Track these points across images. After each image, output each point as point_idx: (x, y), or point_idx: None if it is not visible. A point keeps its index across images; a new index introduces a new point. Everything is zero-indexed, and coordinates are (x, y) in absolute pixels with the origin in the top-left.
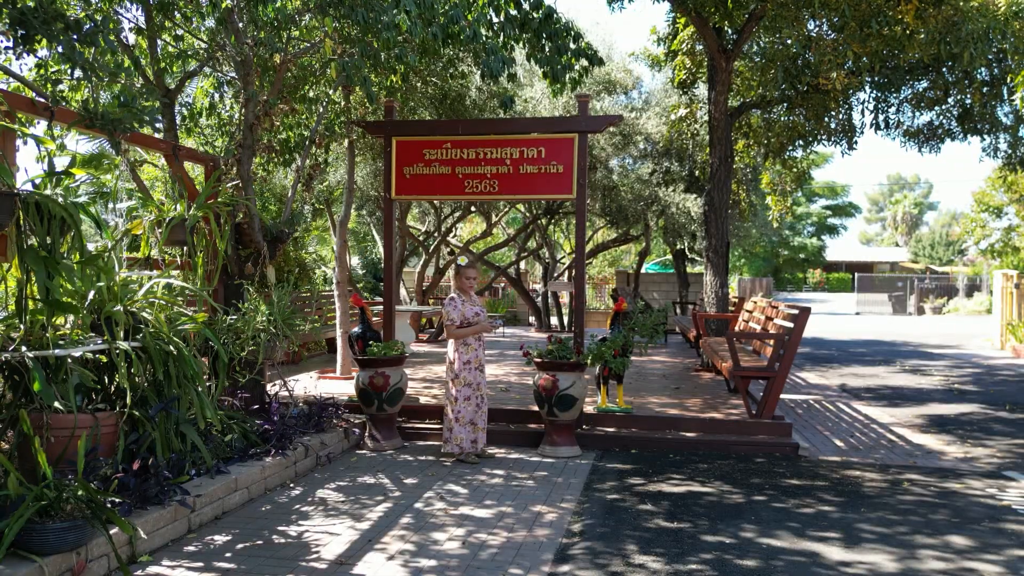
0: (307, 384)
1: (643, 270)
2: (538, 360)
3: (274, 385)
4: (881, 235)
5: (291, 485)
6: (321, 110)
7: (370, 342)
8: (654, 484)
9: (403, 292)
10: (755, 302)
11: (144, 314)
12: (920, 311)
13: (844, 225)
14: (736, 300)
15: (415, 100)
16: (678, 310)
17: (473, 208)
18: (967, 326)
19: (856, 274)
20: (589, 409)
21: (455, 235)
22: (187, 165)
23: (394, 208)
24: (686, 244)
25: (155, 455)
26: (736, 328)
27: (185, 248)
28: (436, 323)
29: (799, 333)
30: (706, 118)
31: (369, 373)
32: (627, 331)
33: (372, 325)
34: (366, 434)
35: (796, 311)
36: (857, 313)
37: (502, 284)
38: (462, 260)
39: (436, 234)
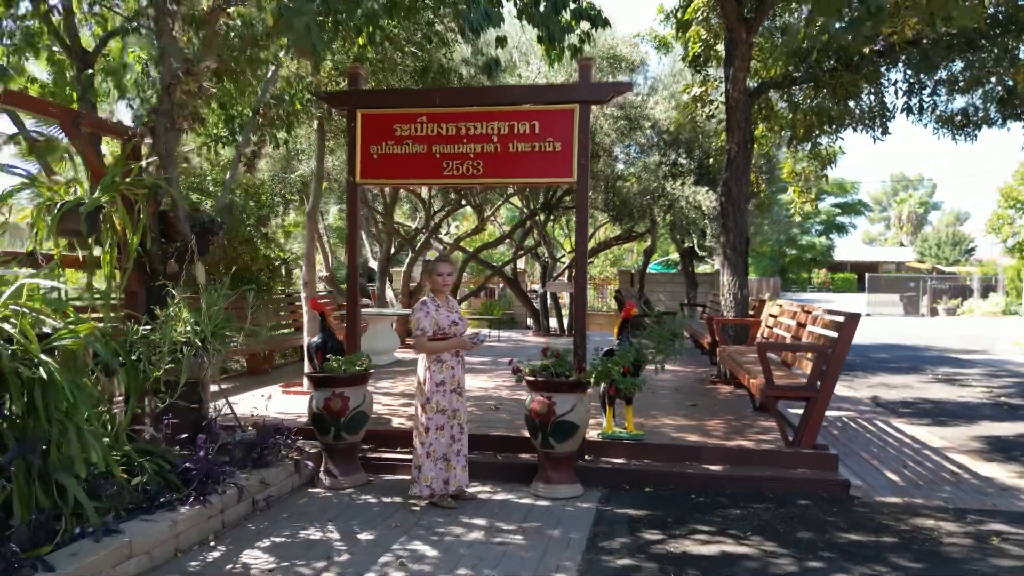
0: (264, 402)
1: (647, 270)
2: (530, 379)
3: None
4: (884, 235)
5: (212, 543)
6: (269, 75)
7: (329, 355)
8: (676, 540)
9: (389, 293)
10: (781, 305)
11: (6, 326)
12: (933, 312)
13: (853, 224)
14: (756, 303)
15: (392, 74)
16: (686, 312)
17: (464, 201)
18: (987, 328)
19: (867, 274)
20: (592, 435)
21: (448, 232)
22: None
23: (358, 194)
24: (695, 241)
25: (12, 516)
26: (759, 335)
27: (97, 239)
28: None
29: (846, 344)
30: (722, 99)
31: (324, 394)
32: (638, 343)
33: (335, 333)
34: (321, 468)
35: (841, 318)
36: (868, 314)
37: (499, 284)
38: (431, 254)
39: (424, 230)
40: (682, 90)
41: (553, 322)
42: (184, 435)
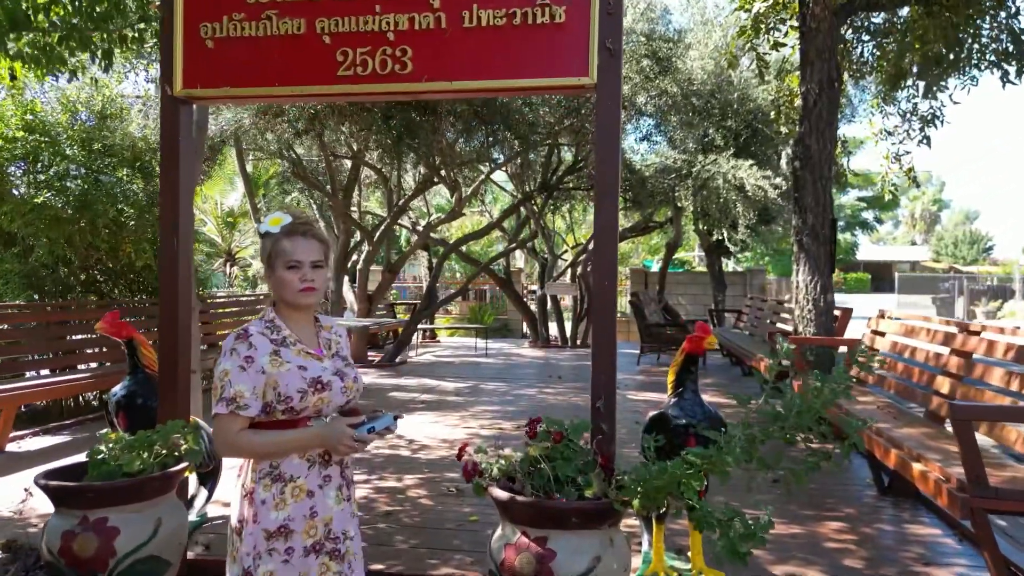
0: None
1: (648, 268)
2: (501, 495)
3: None
4: (893, 233)
5: None
6: None
7: (109, 435)
8: None
9: (349, 296)
10: (891, 317)
11: None
12: (970, 316)
13: (879, 218)
14: (840, 312)
15: None
16: (714, 320)
17: (436, 178)
18: None
19: (896, 274)
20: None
21: (429, 220)
22: None
23: (183, 119)
24: (725, 234)
25: None
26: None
27: None
28: (398, 334)
29: None
30: (794, 23)
31: (65, 523)
32: (747, 429)
33: (152, 377)
34: None
35: None
36: (897, 319)
37: (497, 288)
38: (274, 221)
39: (388, 214)
40: (738, 5)
41: (554, 329)
42: None
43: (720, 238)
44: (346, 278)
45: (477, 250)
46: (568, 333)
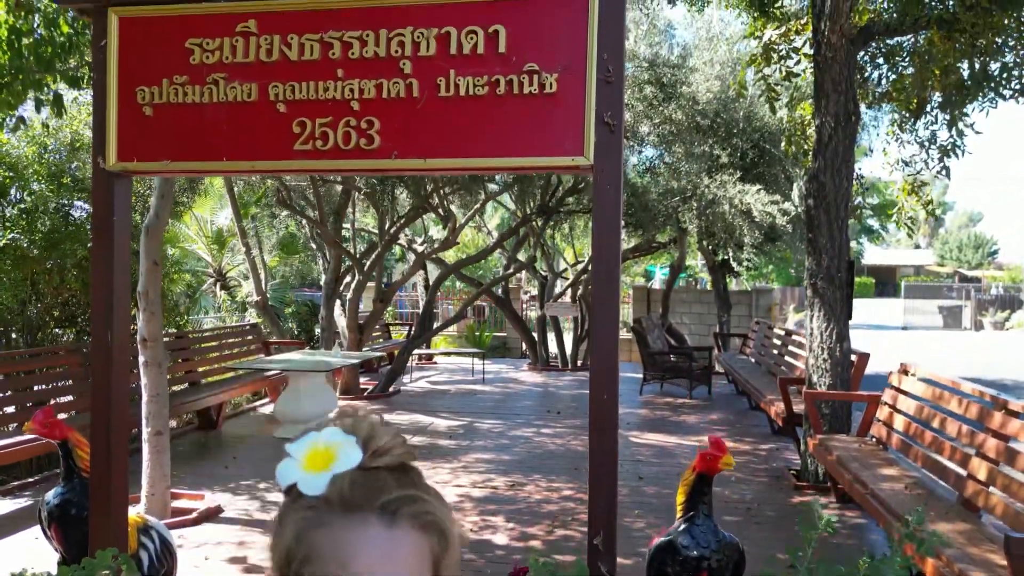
0: None
1: (654, 284)
2: None
3: None
4: (896, 235)
5: None
6: None
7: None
8: None
9: (341, 322)
10: (914, 374)
11: None
12: (978, 326)
13: (884, 226)
14: (856, 358)
15: None
16: (719, 343)
17: (428, 208)
18: None
19: (903, 282)
20: None
21: (425, 240)
22: None
23: (121, 192)
24: (730, 254)
25: None
26: (877, 420)
27: None
28: (393, 357)
29: None
30: (807, 50)
31: None
32: None
33: (87, 483)
34: None
35: None
36: (904, 327)
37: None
38: (315, 459)
39: (380, 240)
40: (748, 32)
41: (553, 346)
42: None
43: (725, 257)
44: (337, 302)
45: (471, 265)
46: (568, 351)
